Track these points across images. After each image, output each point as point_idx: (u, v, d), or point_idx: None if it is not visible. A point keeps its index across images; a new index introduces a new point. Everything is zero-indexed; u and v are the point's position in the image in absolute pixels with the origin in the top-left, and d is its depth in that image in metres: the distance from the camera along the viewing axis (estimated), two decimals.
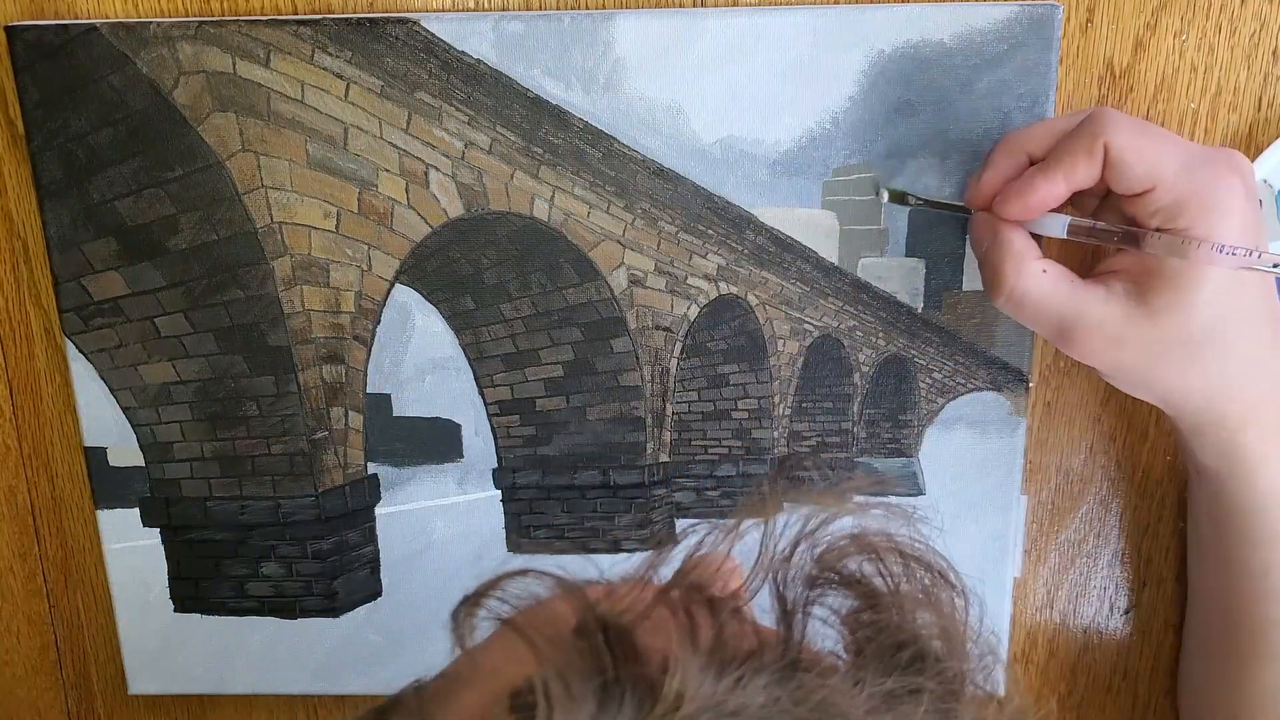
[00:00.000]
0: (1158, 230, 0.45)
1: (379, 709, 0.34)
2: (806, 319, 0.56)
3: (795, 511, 0.31)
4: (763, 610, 0.31)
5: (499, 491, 0.58)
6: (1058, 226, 0.47)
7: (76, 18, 0.52)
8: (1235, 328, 0.46)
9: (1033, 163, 0.48)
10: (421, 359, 0.56)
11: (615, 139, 0.52)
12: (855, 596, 0.31)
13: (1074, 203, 0.49)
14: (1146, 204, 0.45)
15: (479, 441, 0.57)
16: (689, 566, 0.31)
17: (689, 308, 0.55)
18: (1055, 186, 0.46)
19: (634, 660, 0.27)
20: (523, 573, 0.31)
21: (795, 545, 0.31)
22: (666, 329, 0.56)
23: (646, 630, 0.28)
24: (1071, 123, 0.47)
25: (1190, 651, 0.58)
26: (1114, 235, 0.47)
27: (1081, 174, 0.46)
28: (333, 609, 0.59)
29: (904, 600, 0.31)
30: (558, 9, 0.51)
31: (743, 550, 0.31)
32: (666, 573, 0.31)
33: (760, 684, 0.27)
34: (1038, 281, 0.47)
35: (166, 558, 0.59)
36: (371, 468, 0.57)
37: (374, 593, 0.59)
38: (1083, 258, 0.54)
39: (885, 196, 0.52)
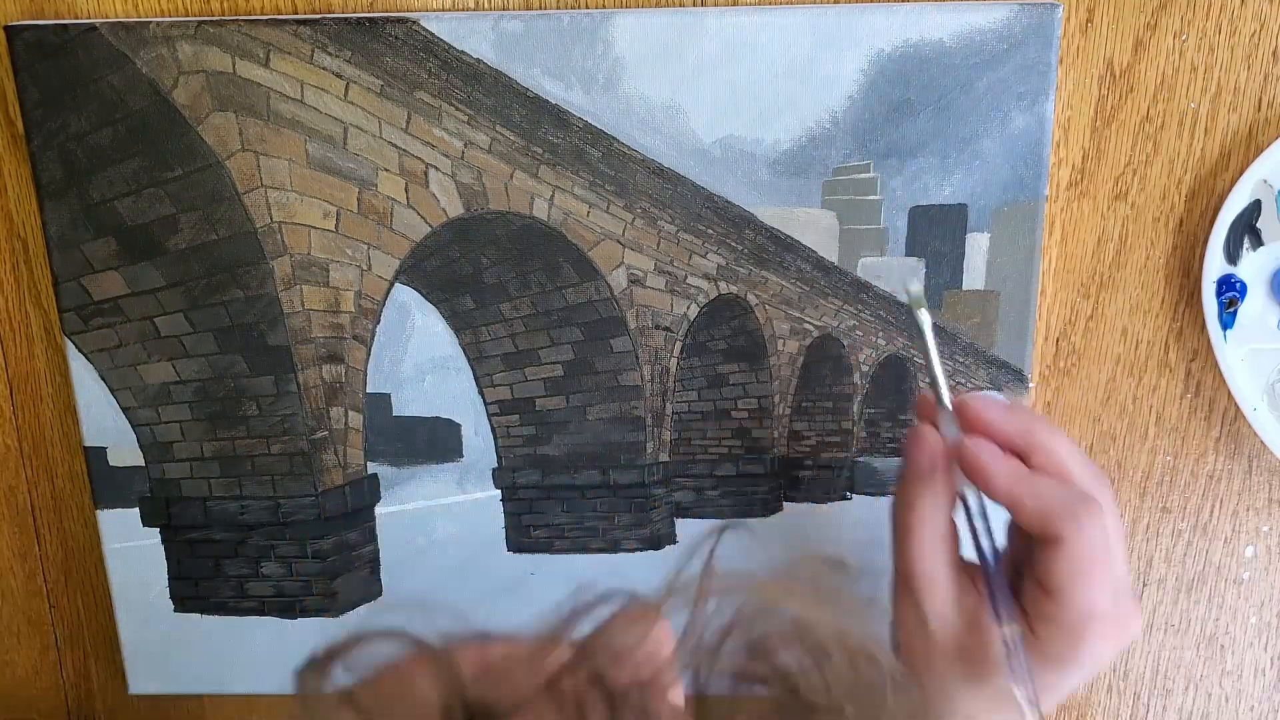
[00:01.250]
0: (1022, 610, 0.43)
1: None
2: (806, 318, 0.56)
3: (728, 597, 0.29)
4: None
5: (499, 491, 0.58)
6: (970, 495, 0.44)
7: (76, 18, 0.52)
8: None
9: (1026, 458, 0.44)
10: (421, 359, 0.56)
11: (615, 138, 0.52)
12: (783, 692, 0.28)
13: None
14: (1041, 597, 0.43)
15: (479, 441, 0.57)
16: (608, 630, 0.28)
17: (689, 307, 0.55)
18: (996, 495, 0.43)
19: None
20: (383, 635, 0.27)
21: (726, 635, 0.29)
22: (666, 328, 0.56)
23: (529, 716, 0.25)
24: (1086, 469, 0.44)
25: None
26: (983, 560, 0.44)
27: (1026, 520, 0.43)
28: (333, 609, 0.59)
29: (834, 700, 0.28)
30: (557, 9, 0.51)
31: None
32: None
33: None
34: (935, 531, 0.44)
35: (166, 558, 0.59)
36: (371, 467, 0.57)
37: (374, 593, 0.59)
38: None
39: (916, 287, 0.46)
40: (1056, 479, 0.43)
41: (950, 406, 0.44)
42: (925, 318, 0.44)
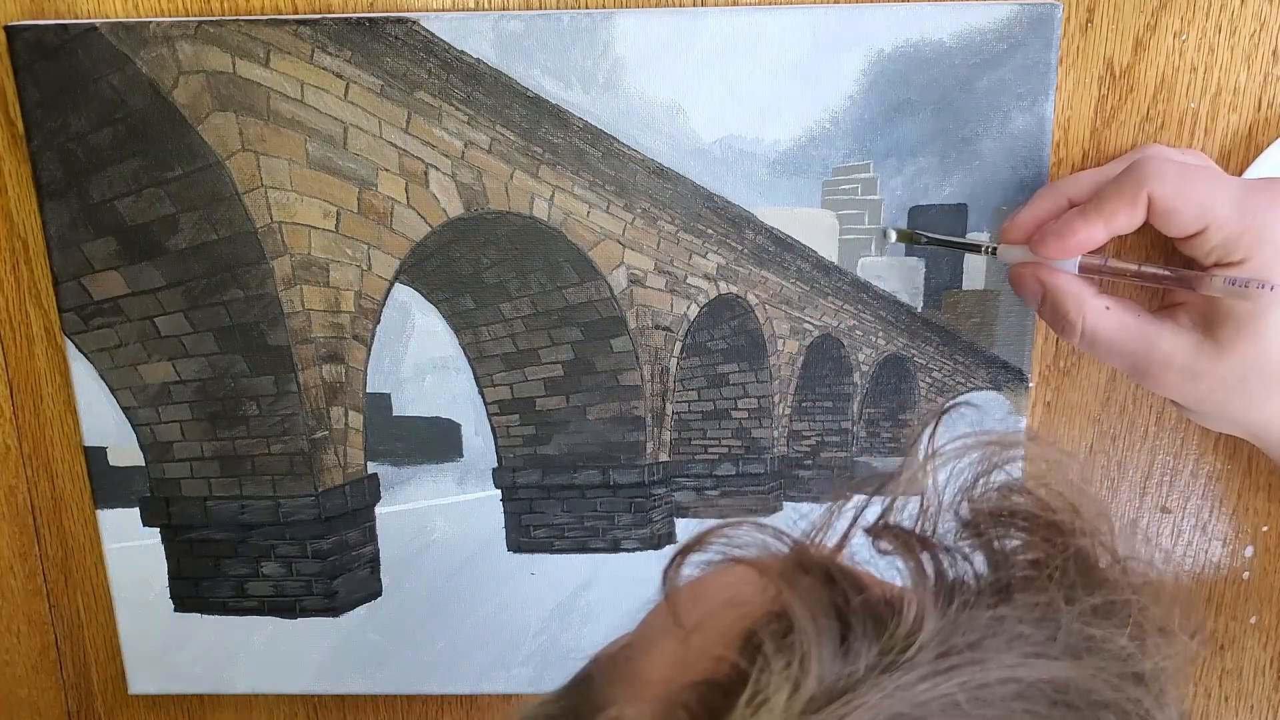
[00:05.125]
0: (1215, 266, 0.45)
1: (579, 678, 0.35)
2: (806, 318, 0.56)
3: (956, 457, 0.33)
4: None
5: (499, 491, 0.58)
6: (1068, 264, 0.48)
7: (76, 18, 0.52)
8: None
9: (1073, 206, 0.48)
10: (421, 358, 0.56)
11: (615, 138, 0.52)
12: (1039, 526, 0.32)
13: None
14: (1199, 245, 0.45)
15: (479, 441, 0.57)
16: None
17: (689, 307, 0.55)
18: (1094, 231, 0.46)
19: (863, 590, 0.28)
20: (737, 523, 0.32)
21: (976, 482, 0.33)
22: (666, 328, 0.56)
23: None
24: (1117, 168, 0.47)
25: None
26: (1127, 273, 0.47)
27: (1122, 221, 0.46)
28: (333, 609, 0.59)
29: (1086, 527, 0.32)
30: (557, 8, 0.51)
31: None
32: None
33: (984, 605, 0.29)
34: (1104, 319, 0.47)
35: (166, 557, 0.59)
36: (371, 467, 0.57)
37: (374, 592, 0.59)
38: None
39: (893, 236, 0.53)
40: (1106, 183, 0.46)
41: (995, 246, 0.50)
42: (921, 236, 0.52)
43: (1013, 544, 0.31)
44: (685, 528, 0.58)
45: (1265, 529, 0.59)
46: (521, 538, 0.59)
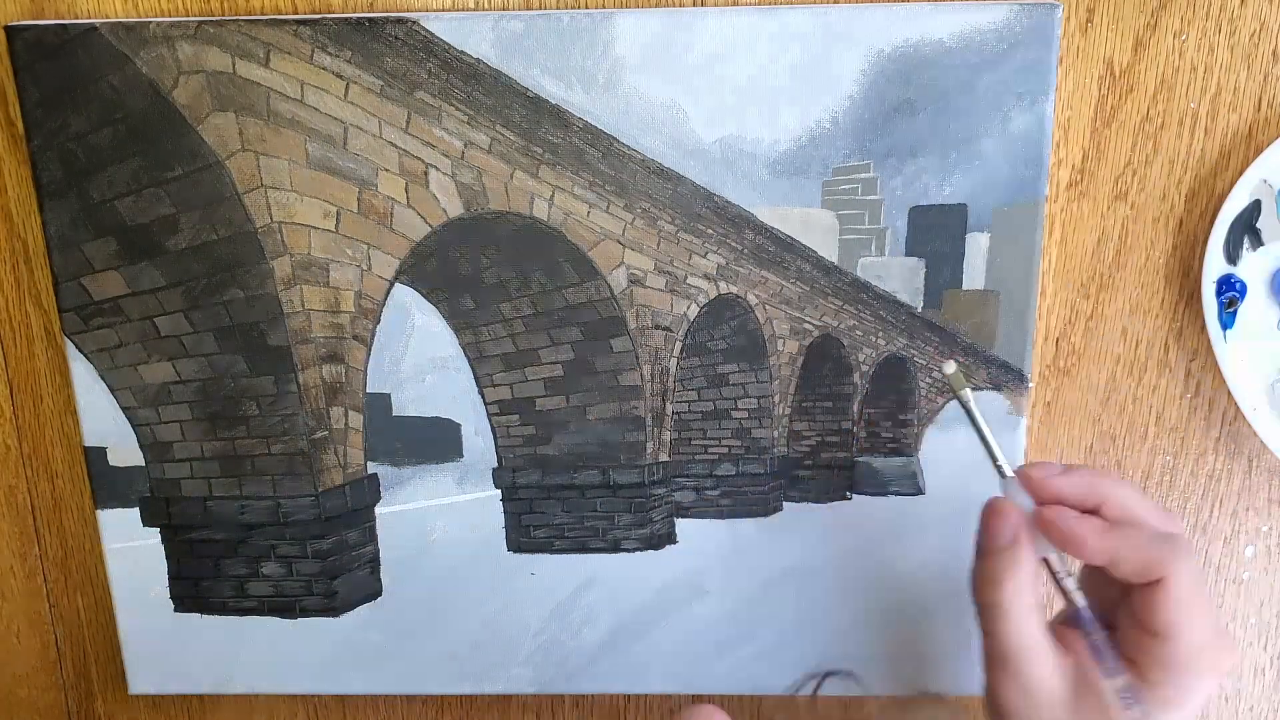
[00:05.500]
0: (1127, 660, 0.44)
1: None
2: (806, 318, 0.56)
3: None
4: None
5: (499, 491, 0.58)
6: (1042, 547, 0.46)
7: (76, 18, 0.52)
8: None
9: (1098, 510, 0.46)
10: (421, 358, 0.56)
11: (615, 138, 0.52)
12: None
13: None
14: (1148, 641, 0.44)
15: (479, 441, 0.57)
16: None
17: (689, 307, 0.55)
18: (1092, 558, 0.44)
19: None
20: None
21: None
22: (666, 328, 0.56)
23: None
24: (1160, 518, 0.45)
25: None
26: (1075, 612, 0.45)
27: (1127, 571, 0.44)
28: (333, 609, 0.59)
29: None
30: (557, 8, 0.51)
31: None
32: None
33: None
34: (1026, 602, 0.45)
35: (166, 557, 0.59)
36: (371, 467, 0.57)
37: (374, 592, 0.59)
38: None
39: (951, 368, 0.48)
40: (1136, 526, 0.44)
41: (1012, 475, 0.46)
42: (968, 396, 0.46)
43: None
44: (685, 528, 0.59)
45: (1265, 529, 0.59)
46: (521, 538, 0.59)
